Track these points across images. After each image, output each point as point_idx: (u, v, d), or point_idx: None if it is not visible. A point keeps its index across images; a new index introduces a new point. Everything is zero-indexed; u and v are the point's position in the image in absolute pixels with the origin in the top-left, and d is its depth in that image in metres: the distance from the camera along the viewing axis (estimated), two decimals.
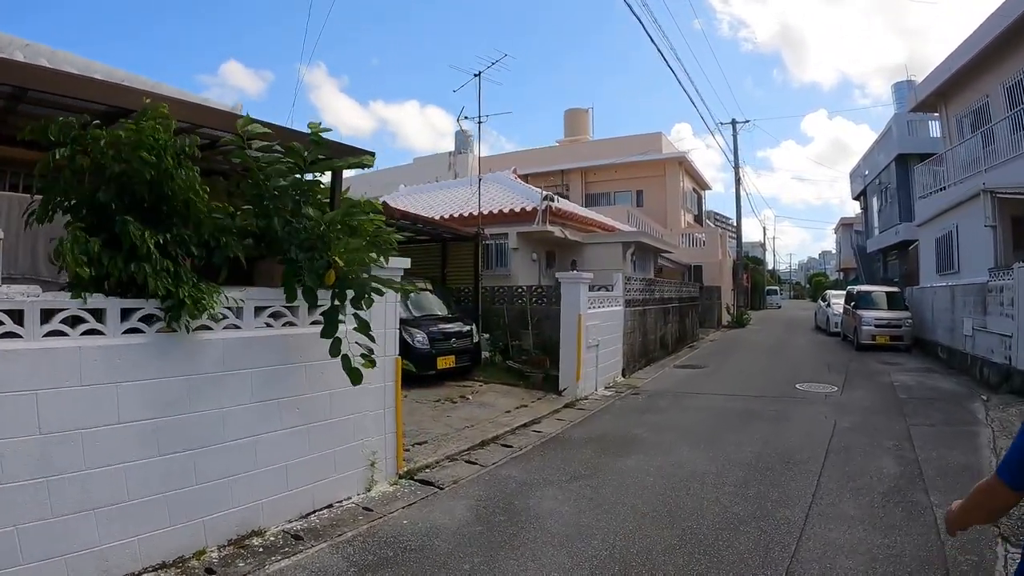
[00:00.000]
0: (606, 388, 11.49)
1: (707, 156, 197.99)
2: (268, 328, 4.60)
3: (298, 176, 4.77)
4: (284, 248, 4.51)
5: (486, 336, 13.75)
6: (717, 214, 58.10)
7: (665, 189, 31.30)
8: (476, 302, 13.95)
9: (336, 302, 4.56)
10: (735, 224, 29.74)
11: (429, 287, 13.08)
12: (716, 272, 27.95)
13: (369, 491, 5.35)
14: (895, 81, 31.66)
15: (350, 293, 4.65)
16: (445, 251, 15.16)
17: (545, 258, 16.66)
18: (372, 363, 4.66)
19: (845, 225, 50.86)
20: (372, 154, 5.40)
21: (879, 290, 18.50)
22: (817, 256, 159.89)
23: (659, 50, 48.76)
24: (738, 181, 28.70)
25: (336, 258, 4.56)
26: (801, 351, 17.39)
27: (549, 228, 15.07)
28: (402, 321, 8.25)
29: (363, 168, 5.45)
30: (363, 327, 4.59)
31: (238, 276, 4.46)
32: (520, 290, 14.44)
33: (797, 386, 11.27)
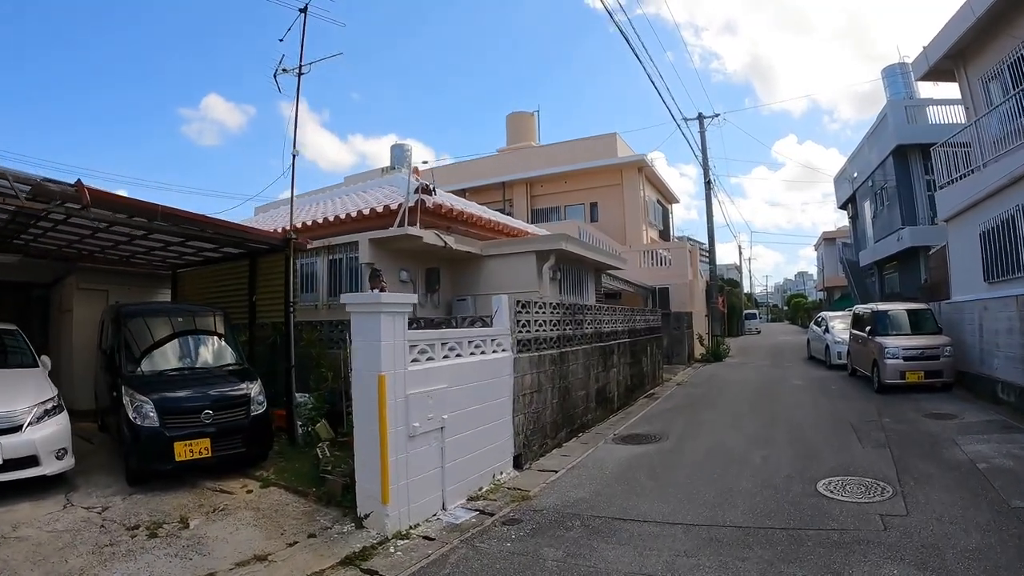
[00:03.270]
0: (468, 504, 6.31)
1: (682, 184, 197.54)
2: None
3: None
4: None
5: (305, 398, 8.55)
6: (690, 239, 53.62)
7: (623, 200, 26.47)
8: (287, 346, 8.69)
9: None
10: (708, 239, 24.98)
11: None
12: (686, 295, 23.01)
13: None
14: (885, 65, 27.43)
15: None
16: (255, 270, 9.90)
17: (424, 278, 11.50)
18: None
19: (828, 240, 46.58)
20: None
21: (901, 308, 13.61)
22: (793, 277, 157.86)
23: (631, 46, 44.70)
24: (708, 184, 23.98)
25: None
26: (803, 399, 12.30)
27: (413, 232, 9.95)
28: (122, 380, 7.08)
29: None
30: None
31: None
32: None
33: (820, 488, 6.15)
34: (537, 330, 8.48)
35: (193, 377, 7.63)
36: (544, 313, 8.74)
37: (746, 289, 73.47)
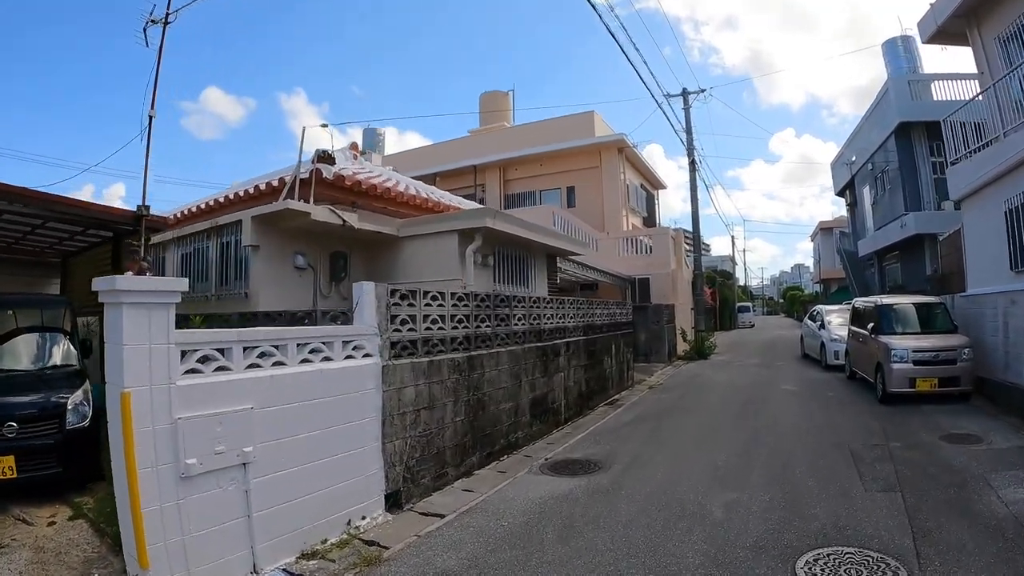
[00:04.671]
0: (296, 565, 4.44)
1: (681, 177, 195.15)
2: None
3: None
4: None
5: None
6: (686, 231, 51.86)
7: (602, 183, 24.31)
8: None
9: None
10: (693, 223, 22.78)
11: None
12: (668, 286, 20.88)
13: None
14: (886, 39, 25.28)
15: None
16: (118, 255, 7.83)
17: (328, 265, 9.38)
18: None
19: (824, 230, 44.44)
20: None
21: (909, 302, 11.50)
22: (790, 270, 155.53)
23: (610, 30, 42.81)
24: (692, 164, 21.79)
25: None
26: (792, 411, 10.21)
27: (296, 207, 7.84)
28: None
29: None
30: None
31: None
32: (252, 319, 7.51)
33: (800, 571, 4.07)
34: (428, 329, 6.37)
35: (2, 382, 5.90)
36: (440, 306, 6.63)
37: (741, 282, 71.54)
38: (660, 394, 12.70)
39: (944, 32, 14.55)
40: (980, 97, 12.36)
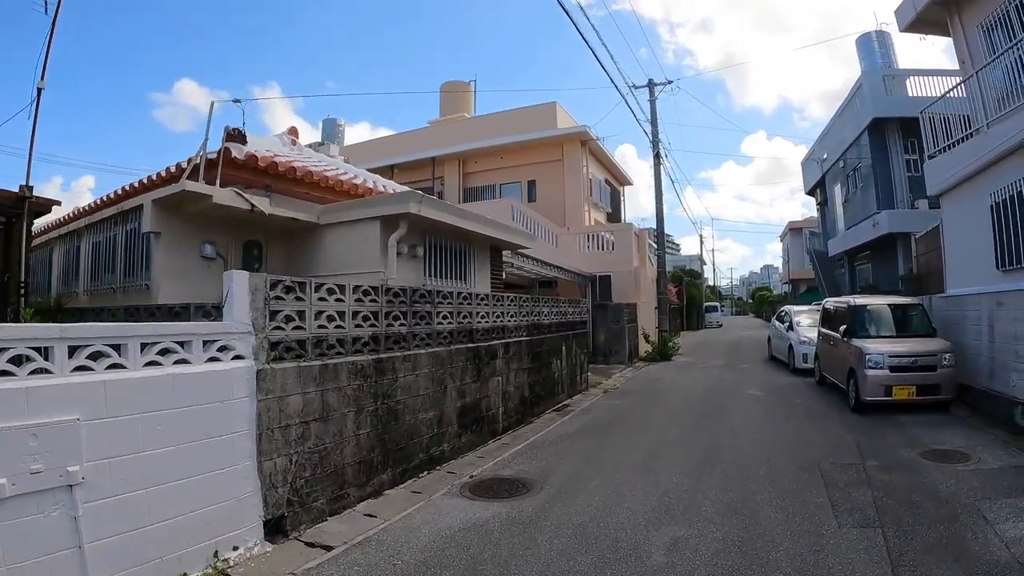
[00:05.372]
0: None
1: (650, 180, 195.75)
2: None
3: None
4: None
5: None
6: (653, 231, 51.31)
7: (564, 177, 23.27)
8: None
9: None
10: (657, 218, 21.85)
11: None
12: (630, 284, 19.91)
13: None
14: (860, 34, 24.58)
15: None
16: (9, 242, 6.55)
17: (242, 255, 8.18)
18: None
19: (794, 230, 44.07)
20: None
21: (884, 303, 10.62)
22: (759, 270, 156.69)
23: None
24: (657, 157, 20.86)
25: None
26: (756, 422, 9.25)
27: (195, 188, 6.63)
28: None
29: None
30: None
31: None
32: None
33: None
34: (322, 328, 5.26)
35: None
36: (340, 301, 5.50)
37: (710, 282, 71.42)
38: (614, 399, 11.68)
39: (923, 20, 13.75)
40: (961, 87, 11.59)
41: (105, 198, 10.01)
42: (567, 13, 15.70)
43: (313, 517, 4.97)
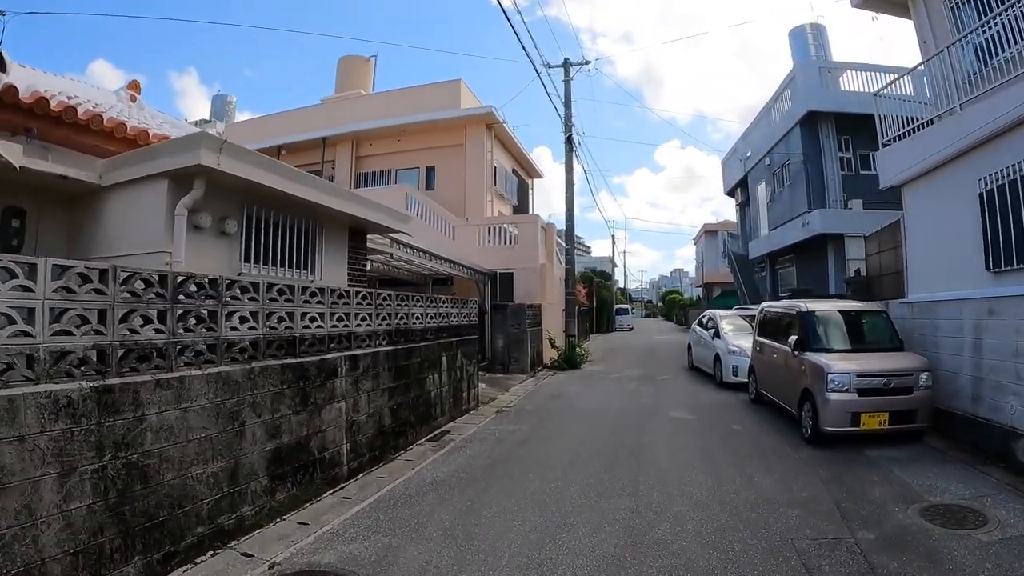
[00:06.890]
0: None
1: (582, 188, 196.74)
2: None
3: None
4: None
5: None
6: (577, 239, 49.53)
7: (466, 164, 20.94)
8: None
9: None
10: (567, 210, 19.88)
11: None
12: (535, 283, 17.81)
13: None
14: (793, 27, 23.75)
15: None
16: None
17: None
18: None
19: (709, 232, 43.59)
20: None
21: (837, 309, 8.83)
22: (669, 274, 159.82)
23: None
24: (569, 141, 18.79)
25: None
26: (688, 462, 7.13)
27: None
28: None
29: None
30: None
31: None
32: None
33: None
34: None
35: None
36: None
37: (620, 284, 71.06)
38: (506, 424, 9.31)
39: None
40: (923, 66, 10.10)
41: None
42: None
43: None
